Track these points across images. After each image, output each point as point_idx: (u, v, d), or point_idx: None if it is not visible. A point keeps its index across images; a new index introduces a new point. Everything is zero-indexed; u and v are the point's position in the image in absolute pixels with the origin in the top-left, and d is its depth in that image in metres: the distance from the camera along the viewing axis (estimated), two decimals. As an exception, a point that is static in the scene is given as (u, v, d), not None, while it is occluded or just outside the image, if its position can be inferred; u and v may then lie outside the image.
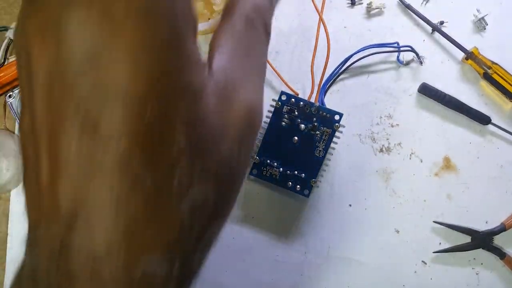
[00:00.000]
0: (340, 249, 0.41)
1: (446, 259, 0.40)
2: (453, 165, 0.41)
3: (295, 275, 0.40)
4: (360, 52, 0.41)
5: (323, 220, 0.41)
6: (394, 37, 0.41)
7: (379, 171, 0.41)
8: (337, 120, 0.38)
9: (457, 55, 0.41)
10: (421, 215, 0.40)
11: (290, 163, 0.39)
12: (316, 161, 0.39)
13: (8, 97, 0.42)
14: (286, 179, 0.40)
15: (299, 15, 0.43)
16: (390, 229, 0.41)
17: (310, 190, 0.39)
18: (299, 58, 0.42)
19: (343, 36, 0.42)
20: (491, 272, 0.40)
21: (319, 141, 0.39)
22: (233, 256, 0.41)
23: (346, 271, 0.40)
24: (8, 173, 0.41)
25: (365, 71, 0.42)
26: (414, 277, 0.40)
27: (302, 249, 0.41)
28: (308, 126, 0.39)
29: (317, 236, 0.41)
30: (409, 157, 0.41)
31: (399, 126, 0.41)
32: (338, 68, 0.41)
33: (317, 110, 0.39)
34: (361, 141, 0.41)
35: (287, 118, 0.39)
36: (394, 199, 0.41)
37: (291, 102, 0.39)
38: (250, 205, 0.41)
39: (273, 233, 0.41)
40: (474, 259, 0.40)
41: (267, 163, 0.40)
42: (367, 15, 0.42)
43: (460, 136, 0.41)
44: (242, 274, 0.41)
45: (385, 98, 0.41)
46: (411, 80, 0.41)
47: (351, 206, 0.41)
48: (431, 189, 0.41)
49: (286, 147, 0.39)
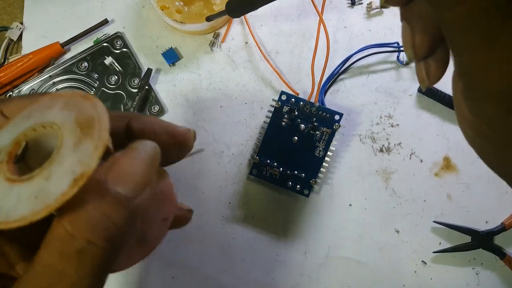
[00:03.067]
0: (340, 249, 0.41)
1: (446, 259, 0.40)
2: (453, 165, 0.41)
3: (295, 275, 0.40)
4: (360, 52, 0.41)
5: (323, 220, 0.41)
6: (394, 37, 0.41)
7: (379, 171, 0.41)
8: (337, 120, 0.38)
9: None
10: (421, 215, 0.40)
11: (290, 163, 0.39)
12: (316, 161, 0.39)
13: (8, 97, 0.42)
14: (286, 179, 0.40)
15: (299, 15, 0.43)
16: (390, 229, 0.41)
17: (310, 190, 0.39)
18: (299, 58, 0.42)
19: (343, 36, 0.42)
20: (491, 272, 0.40)
21: (319, 141, 0.39)
22: (233, 256, 0.41)
23: (346, 271, 0.40)
24: (8, 173, 0.41)
25: (365, 71, 0.42)
26: (414, 277, 0.40)
27: (302, 249, 0.41)
28: (308, 126, 0.39)
29: (317, 236, 0.41)
30: (409, 157, 0.41)
31: (399, 126, 0.41)
32: (338, 68, 0.41)
33: (317, 110, 0.39)
34: (361, 141, 0.41)
35: (287, 118, 0.39)
36: (394, 199, 0.41)
37: (291, 102, 0.39)
38: (250, 205, 0.41)
39: (273, 233, 0.41)
40: (474, 259, 0.40)
41: (267, 163, 0.40)
42: (367, 15, 0.42)
43: (460, 136, 0.40)
44: (242, 274, 0.41)
45: (385, 98, 0.41)
46: (411, 80, 0.41)
47: (351, 206, 0.41)
48: (431, 189, 0.41)
49: (286, 147, 0.39)
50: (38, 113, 0.17)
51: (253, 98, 0.42)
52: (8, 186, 0.16)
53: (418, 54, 0.18)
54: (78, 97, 0.17)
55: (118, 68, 0.43)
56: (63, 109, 0.17)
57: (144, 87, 0.42)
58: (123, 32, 0.43)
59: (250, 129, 0.42)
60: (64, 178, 0.15)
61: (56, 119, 0.17)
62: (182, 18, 0.41)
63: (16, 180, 0.16)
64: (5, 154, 0.16)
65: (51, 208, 0.14)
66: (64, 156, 0.15)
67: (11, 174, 0.16)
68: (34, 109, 0.17)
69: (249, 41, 0.43)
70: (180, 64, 0.43)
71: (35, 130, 0.17)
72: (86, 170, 0.15)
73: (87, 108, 0.17)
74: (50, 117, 0.17)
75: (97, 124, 0.16)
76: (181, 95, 0.43)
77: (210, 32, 0.43)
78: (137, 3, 0.44)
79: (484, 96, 0.15)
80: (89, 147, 0.15)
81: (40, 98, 0.18)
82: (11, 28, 0.43)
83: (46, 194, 0.15)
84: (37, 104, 0.18)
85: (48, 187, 0.15)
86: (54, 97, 0.18)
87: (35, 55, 0.42)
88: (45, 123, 0.17)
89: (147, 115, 0.21)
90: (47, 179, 0.15)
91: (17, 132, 0.17)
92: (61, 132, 0.16)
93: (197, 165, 0.42)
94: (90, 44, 0.43)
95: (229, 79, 0.42)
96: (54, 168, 0.15)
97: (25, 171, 0.16)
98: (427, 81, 0.18)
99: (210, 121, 0.42)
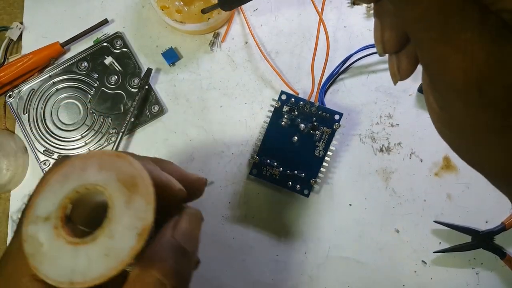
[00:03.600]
0: (340, 249, 0.41)
1: (446, 259, 0.40)
2: (453, 165, 0.41)
3: (295, 275, 0.40)
4: (360, 52, 0.41)
5: (323, 220, 0.41)
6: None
7: (379, 171, 0.41)
8: (337, 120, 0.38)
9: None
10: (421, 215, 0.40)
11: (290, 163, 0.39)
12: (316, 161, 0.39)
13: (8, 97, 0.42)
14: (286, 179, 0.40)
15: (299, 15, 0.43)
16: (390, 229, 0.41)
17: (310, 190, 0.39)
18: (299, 58, 0.42)
19: (343, 36, 0.42)
20: (491, 272, 0.40)
21: (319, 141, 0.39)
22: (233, 256, 0.41)
23: (346, 271, 0.40)
24: (8, 173, 0.41)
25: (365, 71, 0.42)
26: (414, 277, 0.40)
27: (302, 249, 0.41)
28: (308, 126, 0.39)
29: (317, 236, 0.41)
30: (409, 157, 0.41)
31: (399, 126, 0.41)
32: (338, 68, 0.41)
33: (317, 110, 0.39)
34: (361, 141, 0.41)
35: (287, 118, 0.39)
36: (394, 199, 0.41)
37: (291, 102, 0.39)
38: (250, 205, 0.41)
39: (273, 233, 0.41)
40: (474, 259, 0.40)
41: (267, 163, 0.39)
42: (367, 15, 0.42)
43: (460, 136, 0.41)
44: (242, 274, 0.41)
45: (385, 98, 0.41)
46: (411, 80, 0.41)
47: (351, 206, 0.41)
48: (431, 189, 0.41)
49: (286, 147, 0.39)
50: (76, 176, 0.18)
51: (253, 98, 0.42)
52: (73, 249, 0.17)
53: (387, 49, 0.19)
54: (110, 156, 0.19)
55: (118, 68, 0.43)
56: (101, 170, 0.18)
57: (144, 87, 0.42)
58: (123, 32, 0.43)
59: (250, 129, 0.42)
60: (128, 234, 0.17)
61: (97, 180, 0.18)
62: (182, 18, 0.41)
63: (80, 242, 0.17)
64: (56, 220, 0.18)
65: (125, 263, 0.16)
66: (120, 215, 0.17)
67: (72, 237, 0.17)
68: (69, 172, 0.19)
69: (249, 41, 0.43)
70: (180, 64, 0.43)
71: (78, 192, 0.18)
72: (146, 224, 0.17)
73: (124, 167, 0.18)
74: (90, 178, 0.18)
75: (140, 181, 0.18)
76: (181, 95, 0.43)
77: (210, 32, 0.43)
78: (137, 3, 0.44)
79: (445, 88, 0.16)
80: (141, 203, 0.17)
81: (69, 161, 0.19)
82: (11, 28, 0.43)
83: (116, 251, 0.16)
84: (70, 167, 0.19)
85: (115, 244, 0.16)
86: (85, 158, 0.19)
87: (35, 55, 0.42)
88: (87, 185, 0.18)
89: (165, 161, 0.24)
90: (110, 237, 0.17)
91: (60, 196, 0.18)
92: (107, 192, 0.18)
93: (197, 165, 0.42)
94: (90, 44, 0.43)
95: (229, 79, 0.42)
96: (114, 227, 0.17)
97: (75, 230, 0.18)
98: (398, 75, 0.19)
99: (210, 121, 0.42)
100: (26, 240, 0.17)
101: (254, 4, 0.43)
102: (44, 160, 0.42)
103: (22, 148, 0.43)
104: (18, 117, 0.42)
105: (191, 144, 0.42)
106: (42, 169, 0.42)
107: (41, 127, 0.42)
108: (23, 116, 0.42)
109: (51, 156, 0.42)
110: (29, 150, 0.43)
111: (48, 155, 0.42)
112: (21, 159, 0.42)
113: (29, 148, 0.42)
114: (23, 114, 0.42)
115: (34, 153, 0.42)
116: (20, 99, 0.42)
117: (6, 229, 0.42)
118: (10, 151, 0.41)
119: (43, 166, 0.42)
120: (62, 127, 0.42)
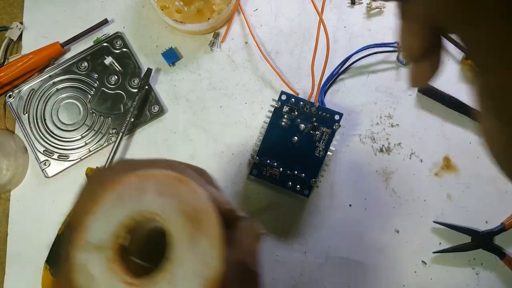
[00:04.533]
0: (340, 249, 0.41)
1: (446, 259, 0.40)
2: (453, 165, 0.41)
3: (295, 275, 0.40)
4: (360, 52, 0.41)
5: (323, 220, 0.41)
6: (394, 37, 0.41)
7: (379, 171, 0.41)
8: (337, 120, 0.38)
9: (457, 55, 0.41)
10: (421, 215, 0.40)
11: (290, 163, 0.39)
12: (316, 161, 0.39)
13: (8, 97, 0.42)
14: (286, 179, 0.40)
15: (299, 15, 0.43)
16: (390, 229, 0.40)
17: (310, 190, 0.39)
18: (299, 58, 0.42)
19: (343, 36, 0.42)
20: (491, 272, 0.40)
21: (319, 141, 0.39)
22: (233, 256, 0.41)
23: (346, 271, 0.40)
24: (8, 173, 0.41)
25: (365, 71, 0.42)
26: (414, 277, 0.40)
27: (302, 249, 0.41)
28: (308, 126, 0.39)
29: (317, 236, 0.41)
30: (409, 157, 0.41)
31: (399, 126, 0.41)
32: (338, 68, 0.41)
33: (317, 110, 0.39)
34: (361, 141, 0.41)
35: (287, 118, 0.39)
36: (394, 199, 0.41)
37: (291, 102, 0.39)
38: (250, 205, 0.41)
39: (273, 233, 0.41)
40: (474, 259, 0.40)
41: (267, 163, 0.39)
42: (367, 15, 0.42)
43: (460, 136, 0.41)
44: (242, 274, 0.41)
45: (385, 98, 0.41)
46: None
47: (351, 206, 0.41)
48: (431, 189, 0.41)
49: (286, 147, 0.39)
50: (132, 199, 0.16)
51: (253, 98, 0.42)
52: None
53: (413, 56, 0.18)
54: (171, 180, 0.16)
55: (118, 68, 0.43)
56: (160, 196, 0.16)
57: (144, 87, 0.42)
58: (123, 32, 0.43)
59: (250, 129, 0.42)
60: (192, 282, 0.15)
61: (156, 208, 0.16)
62: (182, 18, 0.41)
63: (138, 285, 0.15)
64: (111, 251, 0.15)
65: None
66: (182, 256, 0.15)
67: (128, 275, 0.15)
68: (125, 193, 0.16)
69: (249, 41, 0.43)
70: (180, 64, 0.43)
71: (134, 220, 0.16)
72: (215, 274, 0.15)
73: (187, 195, 0.16)
74: (148, 205, 0.16)
75: (206, 217, 0.15)
76: (181, 95, 0.43)
77: (210, 32, 0.43)
78: (137, 3, 0.44)
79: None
80: (207, 246, 0.15)
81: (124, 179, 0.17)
82: (11, 28, 0.43)
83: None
84: (126, 186, 0.16)
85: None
86: (143, 179, 0.16)
87: (35, 55, 0.42)
88: (145, 213, 0.16)
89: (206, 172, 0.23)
90: (170, 282, 0.15)
91: (114, 222, 0.16)
92: (167, 225, 0.15)
93: (197, 165, 0.42)
94: (90, 44, 0.43)
95: (229, 79, 0.42)
96: (176, 271, 0.15)
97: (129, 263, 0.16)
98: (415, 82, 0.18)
99: (210, 121, 0.42)
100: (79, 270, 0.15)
101: (254, 4, 0.43)
102: (44, 160, 0.42)
103: (22, 148, 0.43)
104: (18, 117, 0.42)
105: (191, 144, 0.42)
106: (42, 169, 0.42)
107: (41, 127, 0.42)
108: (23, 116, 0.42)
109: (51, 156, 0.42)
110: (29, 150, 0.43)
111: (48, 155, 0.42)
112: (21, 159, 0.42)
113: (29, 148, 0.42)
114: (23, 114, 0.42)
115: (34, 153, 0.42)
116: (20, 99, 0.42)
117: (6, 229, 0.42)
118: (10, 151, 0.41)
119: (43, 166, 0.42)
120: (62, 127, 0.42)
